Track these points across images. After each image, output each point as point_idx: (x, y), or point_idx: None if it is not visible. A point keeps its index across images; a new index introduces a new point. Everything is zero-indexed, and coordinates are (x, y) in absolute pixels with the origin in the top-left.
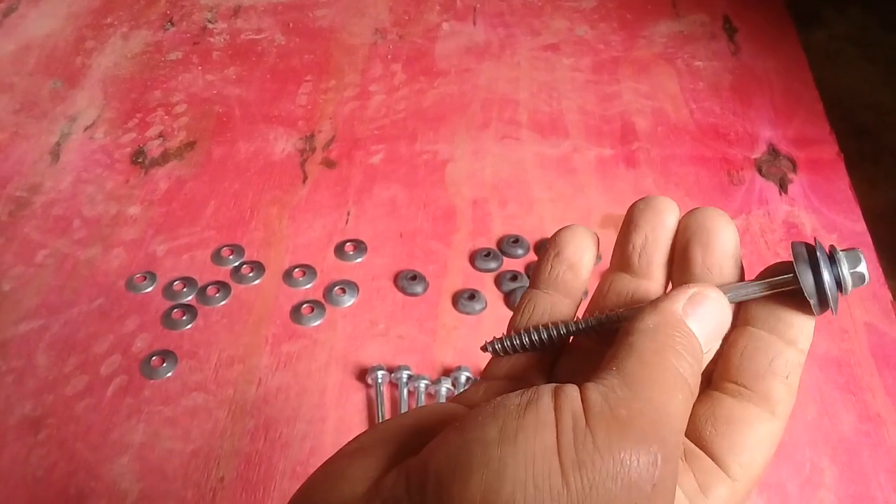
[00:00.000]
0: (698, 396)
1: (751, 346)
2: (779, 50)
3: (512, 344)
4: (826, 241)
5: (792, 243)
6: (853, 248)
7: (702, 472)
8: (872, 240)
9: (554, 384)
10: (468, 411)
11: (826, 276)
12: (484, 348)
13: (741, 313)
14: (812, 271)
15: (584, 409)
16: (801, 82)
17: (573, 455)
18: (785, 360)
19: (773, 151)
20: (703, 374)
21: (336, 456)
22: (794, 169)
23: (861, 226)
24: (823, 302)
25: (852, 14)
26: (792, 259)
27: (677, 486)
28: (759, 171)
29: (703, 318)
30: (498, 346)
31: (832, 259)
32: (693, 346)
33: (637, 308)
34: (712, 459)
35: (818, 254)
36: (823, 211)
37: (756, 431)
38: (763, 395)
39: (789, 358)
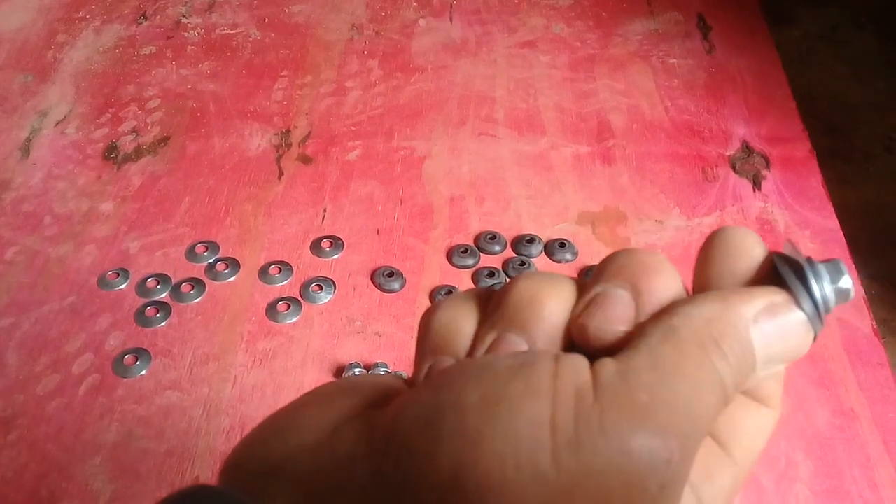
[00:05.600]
0: None
1: None
2: (752, 48)
3: None
4: (799, 237)
5: (774, 257)
6: (833, 259)
7: (708, 456)
8: (844, 236)
9: (555, 351)
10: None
11: (817, 294)
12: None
13: None
14: (806, 290)
15: (593, 383)
16: (773, 80)
17: (570, 433)
18: None
19: (747, 148)
20: None
21: (282, 409)
22: (768, 166)
23: (833, 222)
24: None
25: (824, 12)
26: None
27: None
28: (733, 168)
29: (774, 336)
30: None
31: (815, 274)
32: (746, 360)
33: (692, 297)
34: (716, 442)
35: (807, 270)
36: (796, 207)
37: (752, 419)
38: (753, 393)
39: None
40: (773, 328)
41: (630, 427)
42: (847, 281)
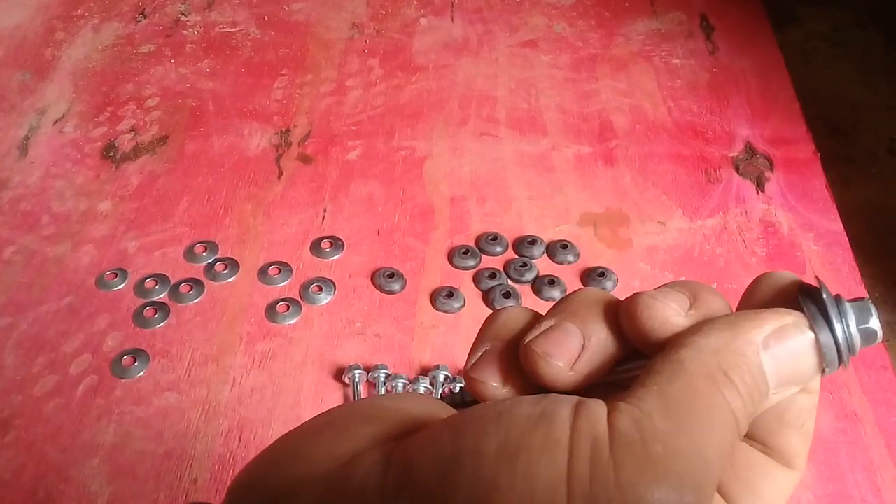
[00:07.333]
0: None
1: None
2: (755, 48)
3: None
4: (803, 240)
5: (800, 288)
6: (861, 299)
7: None
8: (847, 238)
9: (577, 397)
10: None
11: (840, 332)
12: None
13: None
14: (828, 325)
15: (609, 435)
16: (777, 81)
17: (586, 488)
18: (797, 410)
19: (751, 150)
20: None
21: (297, 430)
22: (771, 167)
23: (837, 224)
24: (839, 360)
25: (826, 12)
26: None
27: None
28: (737, 170)
29: (787, 359)
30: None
31: (840, 311)
32: (758, 388)
33: (699, 324)
34: (727, 502)
35: (828, 305)
36: (800, 209)
37: (774, 482)
38: (778, 449)
39: (801, 405)
40: (784, 352)
41: (646, 483)
42: (875, 323)
